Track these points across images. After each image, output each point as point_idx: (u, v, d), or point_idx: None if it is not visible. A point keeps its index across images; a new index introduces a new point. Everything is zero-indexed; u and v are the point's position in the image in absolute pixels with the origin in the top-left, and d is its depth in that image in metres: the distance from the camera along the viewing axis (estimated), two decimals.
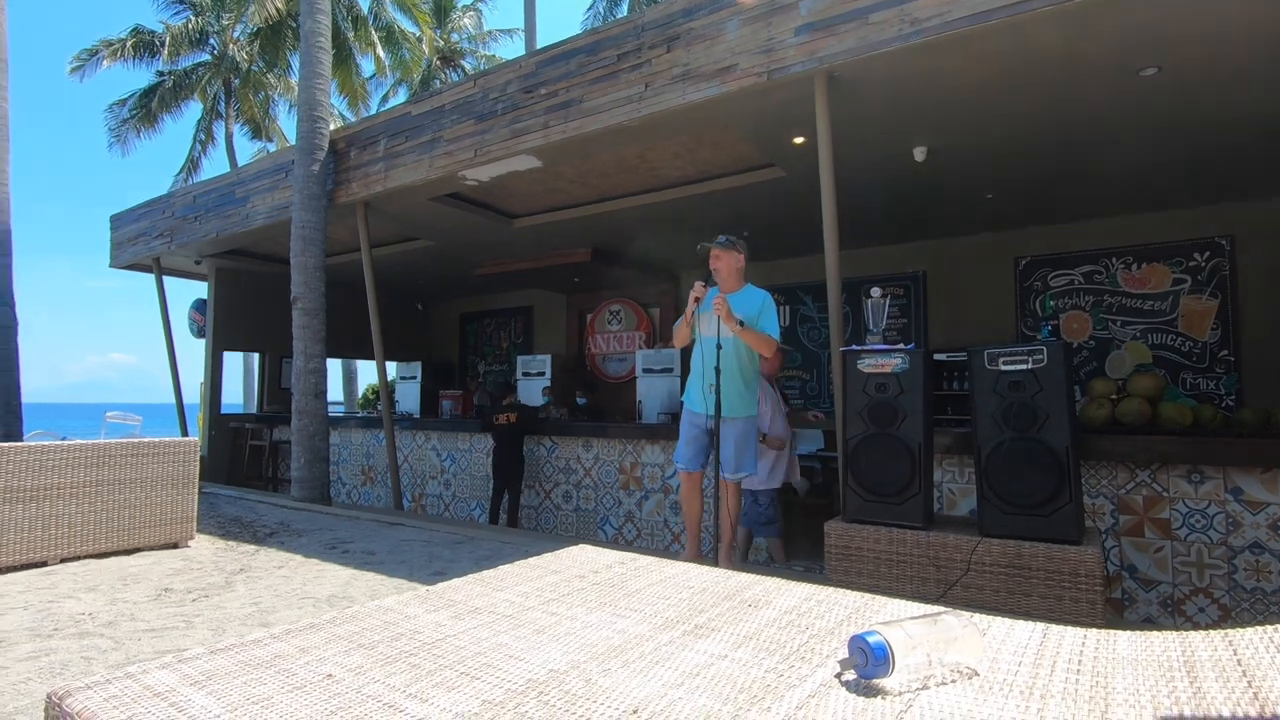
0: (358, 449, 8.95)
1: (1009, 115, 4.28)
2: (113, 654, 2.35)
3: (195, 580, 3.33)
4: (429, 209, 6.47)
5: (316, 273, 6.19)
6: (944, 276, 7.51)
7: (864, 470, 3.19)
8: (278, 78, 19.07)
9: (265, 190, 7.21)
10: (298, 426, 6.07)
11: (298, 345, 6.15)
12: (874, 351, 3.23)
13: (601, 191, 6.26)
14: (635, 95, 4.37)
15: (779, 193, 5.73)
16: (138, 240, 9.03)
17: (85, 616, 2.74)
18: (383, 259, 8.10)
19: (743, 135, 4.80)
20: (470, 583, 1.70)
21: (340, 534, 4.51)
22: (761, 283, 8.02)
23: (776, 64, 3.85)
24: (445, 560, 3.79)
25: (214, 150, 19.81)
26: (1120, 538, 4.06)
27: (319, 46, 6.30)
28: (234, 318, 9.49)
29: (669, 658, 1.16)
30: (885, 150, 4.84)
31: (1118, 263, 6.60)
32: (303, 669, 1.12)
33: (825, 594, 1.60)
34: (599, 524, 6.53)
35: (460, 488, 7.72)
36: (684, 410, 3.82)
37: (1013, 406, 2.89)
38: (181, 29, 17.68)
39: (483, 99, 5.27)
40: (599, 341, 10.33)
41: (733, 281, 3.58)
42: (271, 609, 2.86)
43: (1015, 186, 5.66)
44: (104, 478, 3.66)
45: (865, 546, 3.15)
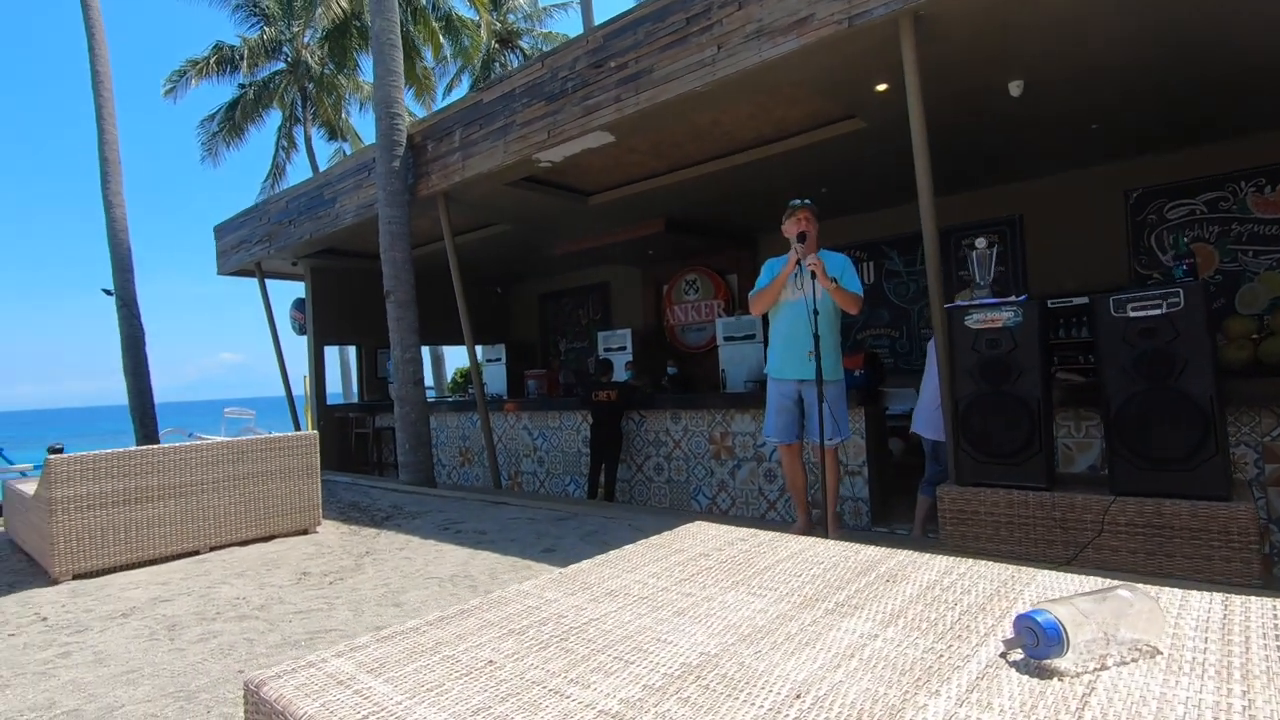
0: (453, 431, 9.34)
1: (1117, 36, 3.89)
2: (270, 635, 2.55)
3: (328, 564, 3.57)
4: (505, 194, 6.57)
5: (405, 265, 6.42)
6: (1043, 218, 7.02)
7: (977, 431, 3.05)
8: (347, 78, 19.73)
9: (351, 190, 7.51)
10: (400, 414, 6.37)
11: (394, 336, 6.42)
12: (983, 306, 3.06)
13: (674, 161, 6.17)
14: (707, 59, 4.25)
15: (860, 145, 5.47)
16: (240, 247, 9.63)
17: (240, 600, 2.99)
18: (463, 246, 8.31)
19: (820, 89, 4.59)
20: (598, 564, 1.74)
21: (450, 514, 4.73)
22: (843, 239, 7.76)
23: (857, 9, 3.64)
24: (553, 537, 3.91)
25: (296, 155, 20.80)
26: (1266, 488, 3.74)
27: (390, 44, 6.44)
28: (330, 314, 10.02)
29: (818, 638, 1.15)
30: (976, 89, 4.53)
31: (1247, 186, 5.96)
32: (464, 655, 1.17)
33: (965, 566, 1.54)
34: (692, 494, 6.57)
35: (554, 464, 7.93)
36: (770, 381, 3.76)
37: (1146, 355, 2.68)
38: (257, 41, 18.52)
39: (552, 79, 5.26)
40: (677, 312, 10.29)
41: (814, 246, 3.50)
42: (401, 589, 3.04)
43: (1125, 113, 5.18)
44: (241, 472, 3.97)
45: (982, 510, 3.03)
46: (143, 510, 3.66)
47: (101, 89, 10.38)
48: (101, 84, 10.38)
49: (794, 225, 3.53)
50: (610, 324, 11.08)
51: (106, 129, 10.38)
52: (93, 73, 10.42)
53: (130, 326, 10.36)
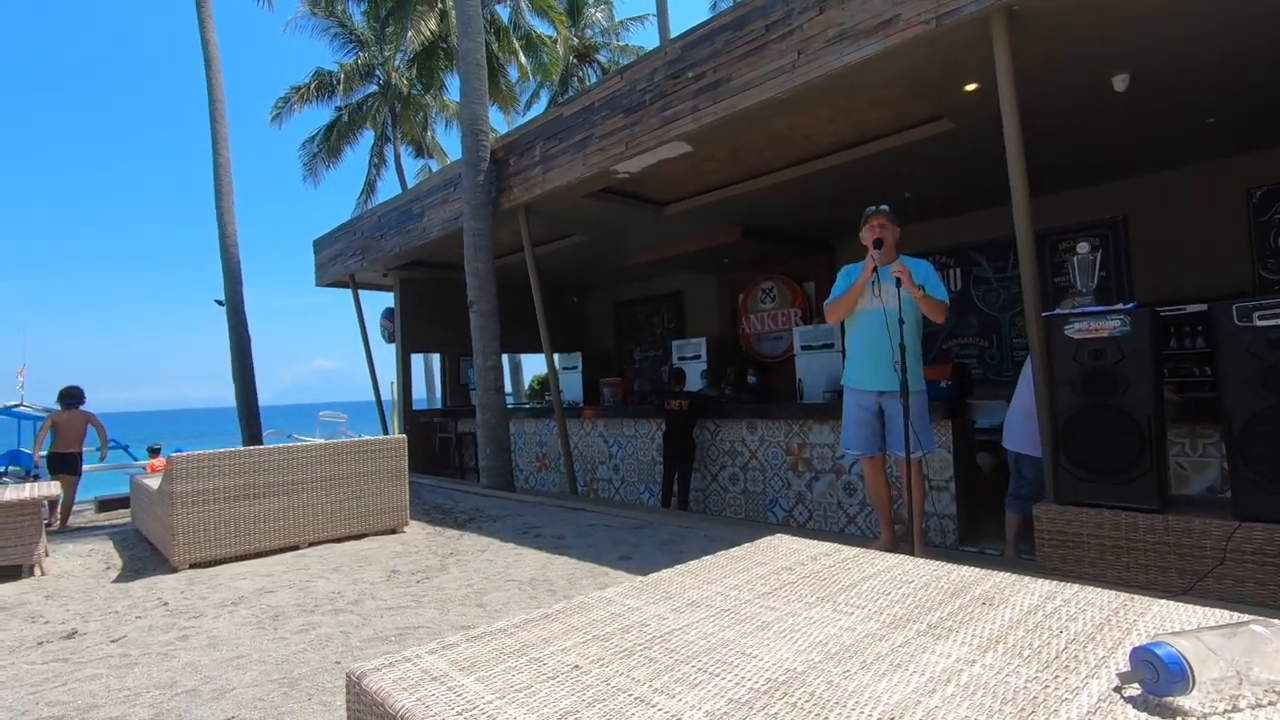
0: (531, 437, 9.55)
1: (1235, 21, 3.59)
2: (363, 629, 2.68)
3: (415, 563, 3.72)
4: (582, 205, 6.70)
5: (488, 276, 6.64)
6: (1151, 219, 6.54)
7: (1080, 447, 2.87)
8: (433, 97, 20.66)
9: (437, 204, 7.85)
10: (482, 420, 6.58)
11: (476, 345, 6.65)
12: (1085, 315, 2.88)
13: (752, 168, 6.13)
14: (787, 65, 4.20)
15: (946, 146, 5.27)
16: (335, 261, 10.22)
17: (336, 595, 3.16)
18: (541, 257, 8.52)
19: (905, 90, 4.46)
20: (679, 574, 1.74)
21: (529, 519, 4.84)
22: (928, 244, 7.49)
23: (945, 7, 3.52)
24: (629, 545, 3.94)
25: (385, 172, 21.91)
26: None
27: (476, 63, 6.70)
28: (417, 323, 10.47)
29: (910, 660, 1.11)
30: (1076, 85, 4.28)
31: None
32: (550, 658, 1.20)
33: (1070, 592, 1.44)
34: (768, 506, 6.47)
35: (628, 472, 7.98)
36: (847, 392, 3.65)
37: (1275, 367, 2.45)
38: (353, 66, 19.66)
39: (630, 91, 5.34)
40: (752, 321, 10.18)
41: (893, 252, 3.38)
42: (483, 590, 3.13)
43: (1243, 105, 4.77)
44: (337, 473, 4.21)
45: (1085, 532, 2.84)
46: (250, 506, 3.93)
47: (216, 114, 11.27)
48: (216, 109, 11.28)
49: (870, 232, 3.43)
50: (684, 332, 11.08)
51: (220, 151, 11.26)
52: (209, 100, 11.33)
53: (239, 334, 11.16)
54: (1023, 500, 4.15)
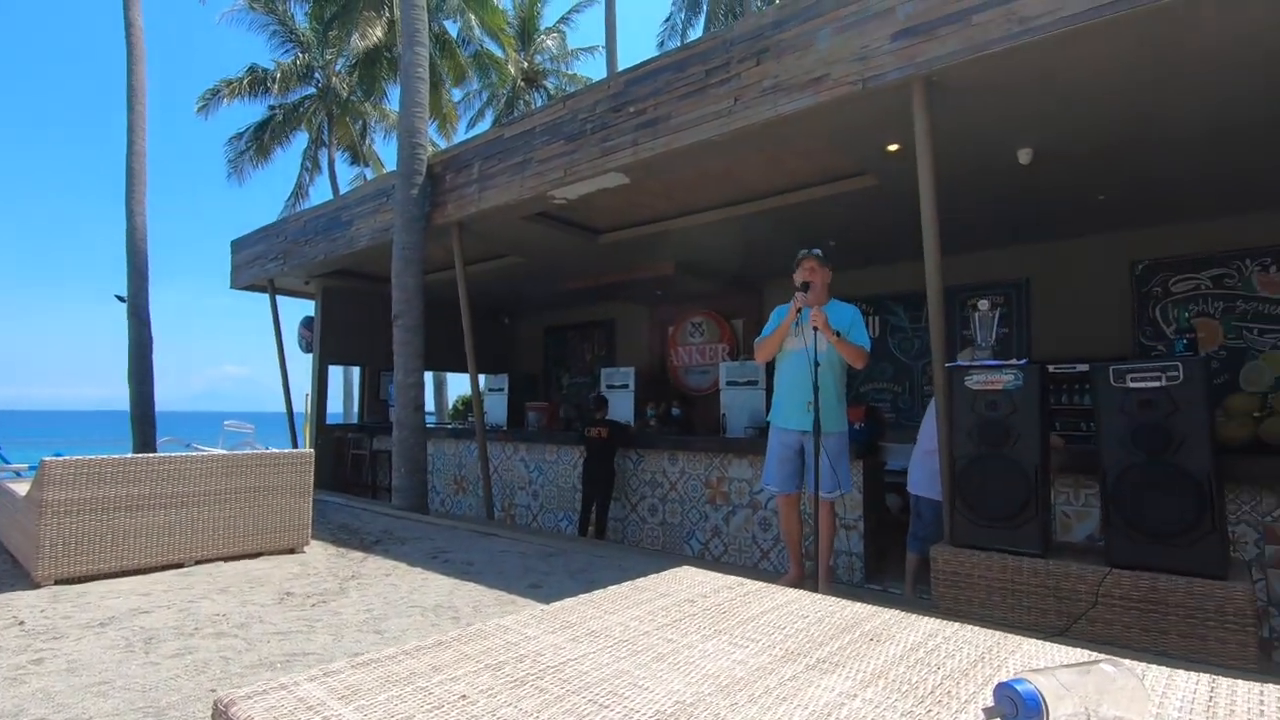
0: (450, 459, 9.30)
1: (1126, 112, 3.99)
2: (246, 655, 2.52)
3: (313, 585, 3.53)
4: (518, 227, 6.68)
5: (416, 291, 6.49)
6: (1051, 283, 7.07)
7: (974, 493, 3.03)
8: (374, 105, 20.26)
9: (368, 214, 7.65)
10: (398, 438, 6.36)
11: (398, 360, 6.46)
12: (984, 368, 3.07)
13: (686, 205, 6.28)
14: (724, 110, 4.36)
15: (870, 201, 5.57)
16: (254, 263, 9.77)
17: (220, 617, 2.96)
18: (473, 276, 8.41)
19: (833, 144, 4.70)
20: (582, 603, 1.72)
21: (439, 543, 4.69)
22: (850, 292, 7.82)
23: (872, 71, 3.75)
24: (540, 573, 3.87)
25: (318, 177, 21.24)
26: (1267, 570, 3.68)
27: (417, 77, 6.63)
28: (337, 333, 10.09)
29: (795, 694, 1.14)
30: (987, 154, 4.63)
31: (1252, 265, 6.02)
32: (438, 688, 1.16)
33: (951, 630, 1.52)
34: (685, 538, 6.50)
35: (548, 498, 7.87)
36: (772, 429, 3.75)
37: (1144, 428, 2.67)
38: (290, 65, 19.08)
39: (571, 119, 5.40)
40: (681, 354, 10.33)
41: (824, 295, 3.53)
42: (383, 616, 3.00)
43: (1131, 186, 5.27)
44: (233, 486, 3.96)
45: (976, 573, 2.99)
46: (131, 518, 3.64)
47: (136, 103, 10.68)
48: (136, 98, 10.69)
49: (800, 274, 3.57)
50: (614, 361, 11.11)
51: (136, 140, 10.65)
52: (129, 88, 10.73)
53: (139, 334, 10.45)
54: (921, 541, 4.37)
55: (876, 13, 3.74)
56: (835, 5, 3.91)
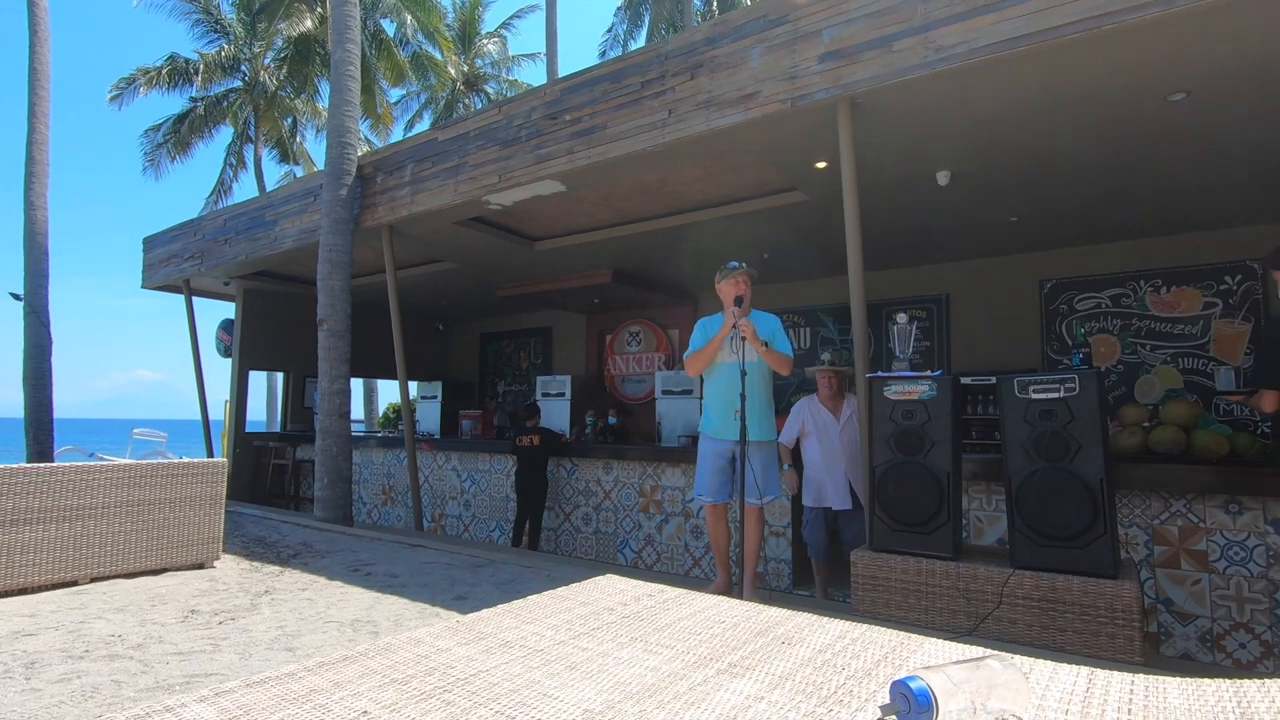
0: (379, 469, 9.01)
1: (1035, 140, 4.26)
2: (142, 678, 2.36)
3: (221, 602, 3.35)
4: (452, 232, 6.56)
5: (343, 295, 6.28)
6: (968, 299, 7.44)
7: (891, 499, 3.15)
8: (305, 102, 19.56)
9: (294, 214, 7.36)
10: (321, 447, 6.13)
11: (323, 366, 6.23)
12: (901, 378, 3.20)
13: (623, 214, 6.31)
14: (659, 122, 4.42)
15: (801, 216, 5.74)
16: (169, 262, 9.25)
17: (115, 638, 2.77)
18: (405, 280, 8.21)
19: (764, 160, 4.83)
20: (500, 614, 1.69)
21: (363, 555, 4.53)
22: (782, 304, 7.98)
23: (800, 91, 3.87)
24: (467, 584, 3.79)
25: (244, 174, 20.31)
26: (1155, 569, 3.96)
27: (348, 75, 6.45)
28: (260, 338, 9.65)
29: (704, 699, 1.15)
30: (908, 175, 4.84)
31: (1146, 285, 6.50)
32: (338, 705, 1.12)
33: (860, 631, 1.56)
34: (619, 547, 6.49)
35: (480, 508, 7.72)
36: (703, 439, 3.79)
37: (1044, 436, 2.84)
38: (214, 56, 18.22)
39: (507, 125, 5.36)
40: (618, 363, 10.35)
41: (749, 308, 3.60)
42: (296, 633, 2.87)
43: (1040, 209, 5.61)
44: (135, 498, 3.72)
45: (893, 577, 3.10)
46: (18, 533, 3.37)
47: (39, 87, 9.98)
48: (39, 82, 9.99)
49: (732, 288, 3.63)
50: (551, 369, 11.04)
51: (38, 128, 9.94)
52: (31, 70, 10.03)
53: (37, 335, 9.72)
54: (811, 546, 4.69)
55: (804, 35, 3.87)
56: (766, 26, 4.03)
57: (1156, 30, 3.04)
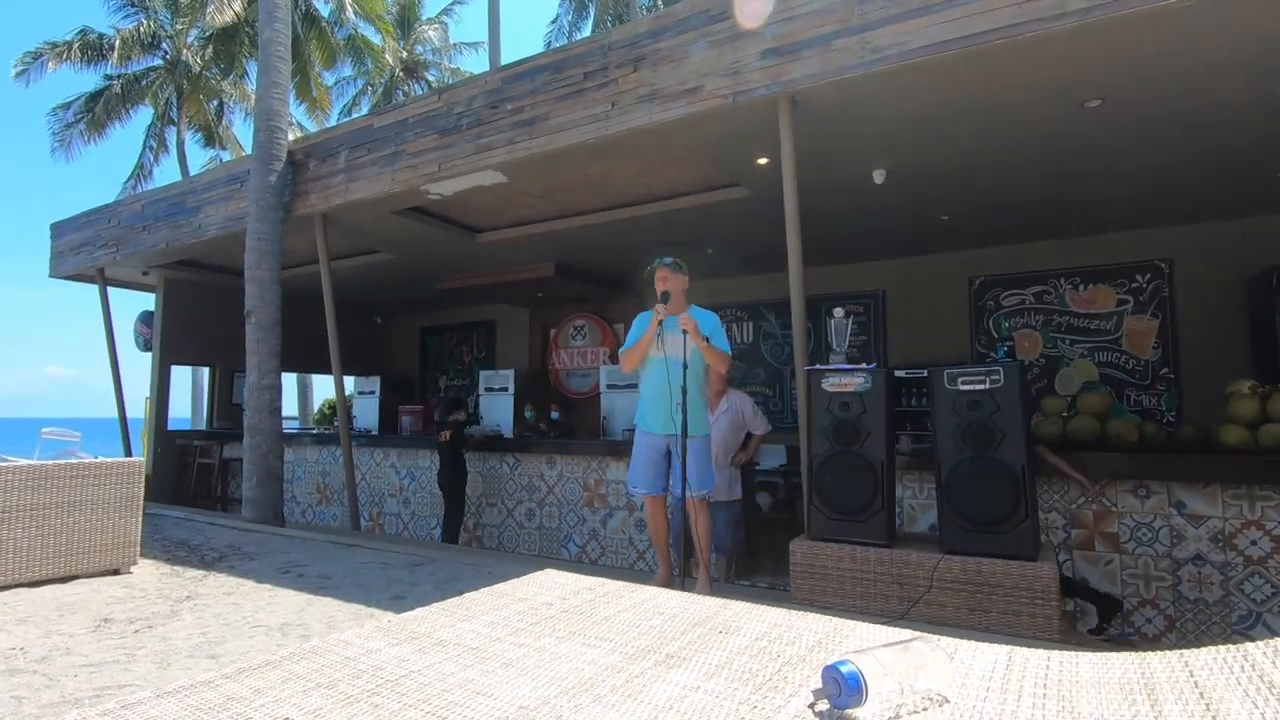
0: (313, 466, 8.70)
1: (963, 141, 4.42)
2: (46, 693, 2.21)
3: (138, 609, 3.17)
4: (390, 222, 6.37)
5: (272, 286, 6.02)
6: (903, 295, 7.69)
7: (828, 488, 3.23)
8: (233, 84, 18.64)
9: (219, 200, 7.01)
10: (250, 445, 5.86)
11: (251, 361, 5.96)
12: (837, 371, 3.28)
13: (565, 207, 6.26)
14: (601, 114, 4.39)
15: (743, 211, 5.80)
16: (80, 250, 8.67)
17: (16, 652, 2.58)
18: (341, 272, 7.93)
19: (707, 155, 4.86)
20: (434, 612, 1.65)
21: (294, 557, 4.36)
22: (725, 299, 8.06)
23: (742, 86, 3.91)
24: (405, 584, 3.69)
25: (165, 158, 19.23)
26: (1073, 551, 4.19)
27: (277, 55, 6.17)
28: (183, 331, 9.16)
29: (641, 690, 1.15)
30: (846, 172, 4.96)
31: (1065, 283, 6.85)
32: (258, 713, 1.07)
33: (794, 619, 1.59)
34: (562, 542, 6.45)
35: (419, 505, 7.55)
36: (638, 433, 3.78)
37: (971, 425, 2.96)
38: (132, 32, 17.14)
39: (447, 113, 5.23)
40: (562, 357, 10.27)
41: (680, 302, 3.62)
42: (220, 639, 2.74)
43: (969, 209, 5.84)
44: (41, 501, 3.47)
45: (830, 565, 3.18)
46: None
47: None
48: None
49: (658, 283, 3.65)
50: (494, 363, 10.87)
51: None
52: None
53: None
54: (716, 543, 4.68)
55: (746, 31, 3.91)
56: (709, 20, 4.05)
57: (1073, 40, 3.19)
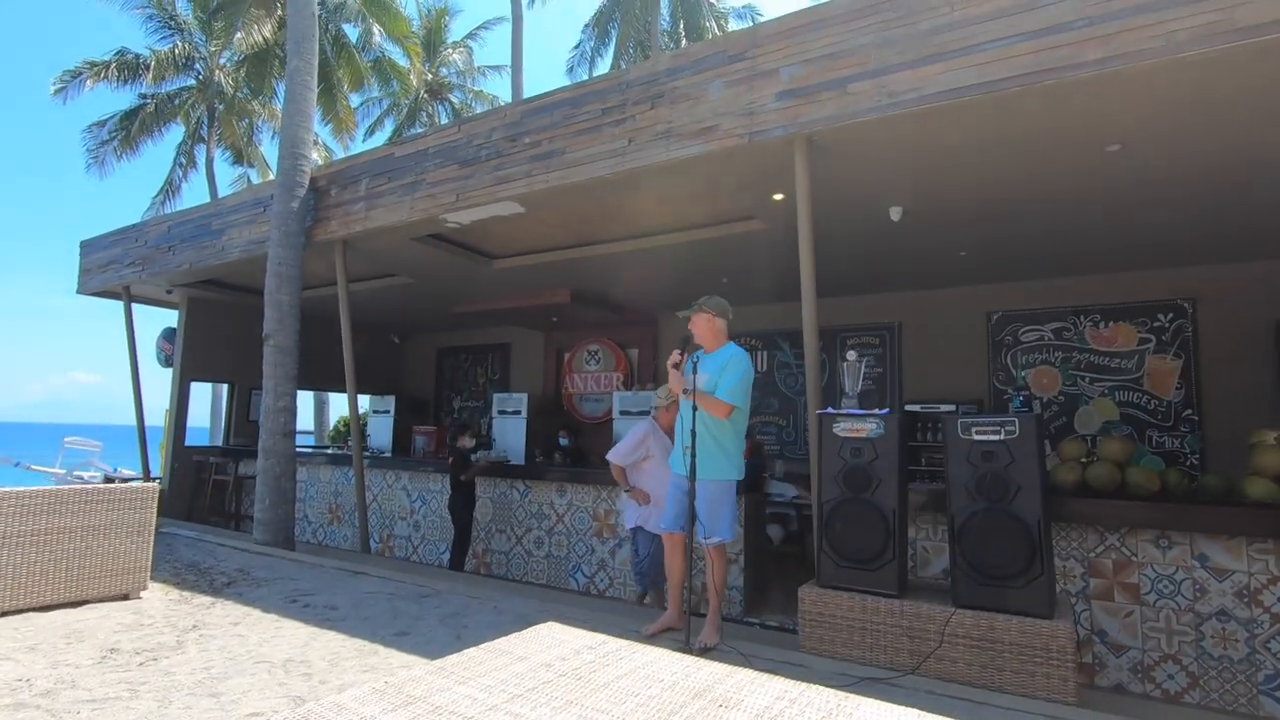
0: (325, 486, 8.74)
1: (982, 182, 4.40)
2: None
3: (145, 639, 3.18)
4: (408, 248, 6.45)
5: (291, 310, 6.10)
6: (919, 327, 7.63)
7: (838, 535, 3.17)
8: (263, 104, 19.06)
9: (243, 224, 7.14)
10: (263, 467, 5.91)
11: (268, 384, 6.02)
12: (850, 416, 3.24)
13: (582, 236, 6.30)
14: (618, 149, 4.42)
15: (758, 243, 5.80)
16: (108, 268, 8.87)
17: (22, 683, 2.59)
18: (360, 294, 8.03)
19: (723, 190, 4.87)
20: (433, 673, 1.63)
21: (302, 584, 4.36)
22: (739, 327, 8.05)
23: (758, 127, 3.93)
24: (410, 617, 3.67)
25: (194, 175, 19.65)
26: (1091, 601, 4.07)
27: (304, 85, 6.31)
28: (204, 348, 9.30)
29: None
30: (862, 210, 4.95)
31: (1085, 320, 6.76)
32: None
33: (799, 691, 1.56)
34: (570, 572, 6.41)
35: (430, 529, 7.55)
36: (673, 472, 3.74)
37: (986, 477, 2.91)
38: (167, 54, 17.65)
39: (466, 144, 5.30)
40: (576, 381, 10.28)
41: (709, 342, 3.56)
42: (223, 675, 2.73)
43: (987, 245, 5.80)
44: (54, 525, 3.51)
45: (839, 614, 3.12)
46: None
47: None
48: None
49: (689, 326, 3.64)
50: (508, 385, 10.90)
51: None
52: None
53: None
54: (639, 575, 4.73)
55: (762, 72, 3.94)
56: (725, 60, 4.08)
57: (1094, 87, 3.17)
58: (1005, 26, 3.24)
